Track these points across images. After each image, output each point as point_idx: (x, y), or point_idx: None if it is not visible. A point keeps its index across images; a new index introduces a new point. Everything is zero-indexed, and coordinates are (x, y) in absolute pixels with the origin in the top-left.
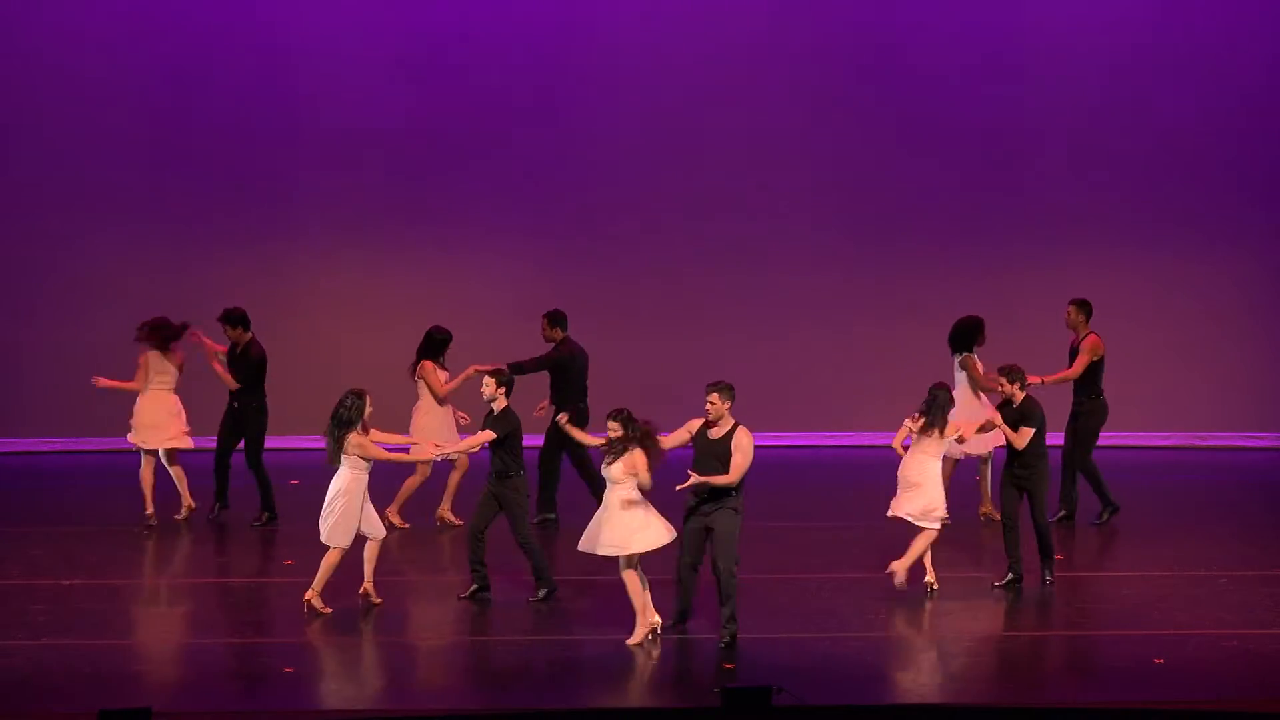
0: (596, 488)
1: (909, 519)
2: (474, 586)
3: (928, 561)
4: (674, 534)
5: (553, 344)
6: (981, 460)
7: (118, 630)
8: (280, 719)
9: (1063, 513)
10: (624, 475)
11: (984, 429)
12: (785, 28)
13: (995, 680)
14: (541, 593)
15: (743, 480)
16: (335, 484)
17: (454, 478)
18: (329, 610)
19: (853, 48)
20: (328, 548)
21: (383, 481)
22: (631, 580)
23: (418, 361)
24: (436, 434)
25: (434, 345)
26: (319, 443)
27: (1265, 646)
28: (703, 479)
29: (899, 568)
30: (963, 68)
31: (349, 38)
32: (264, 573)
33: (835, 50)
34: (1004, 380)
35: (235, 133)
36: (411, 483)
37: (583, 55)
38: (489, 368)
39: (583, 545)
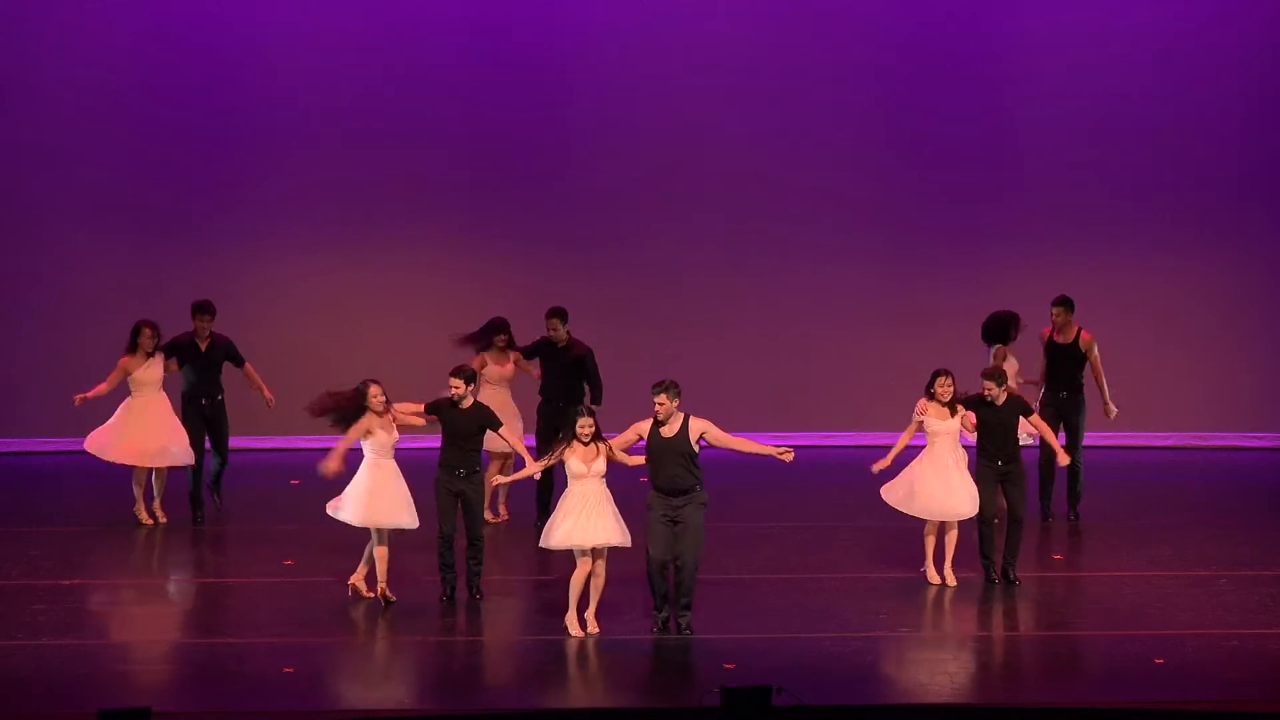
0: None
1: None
2: (448, 591)
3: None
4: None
5: (561, 343)
6: None
7: (118, 630)
8: (280, 719)
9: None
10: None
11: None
12: (785, 30)
13: (995, 680)
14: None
15: (701, 473)
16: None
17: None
18: (394, 598)
19: (852, 50)
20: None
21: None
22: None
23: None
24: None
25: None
26: (318, 443)
27: (1265, 646)
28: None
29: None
30: (963, 68)
31: (339, 35)
32: (264, 573)
33: (835, 52)
34: (989, 384)
35: (229, 133)
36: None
37: (582, 54)
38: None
39: (573, 540)
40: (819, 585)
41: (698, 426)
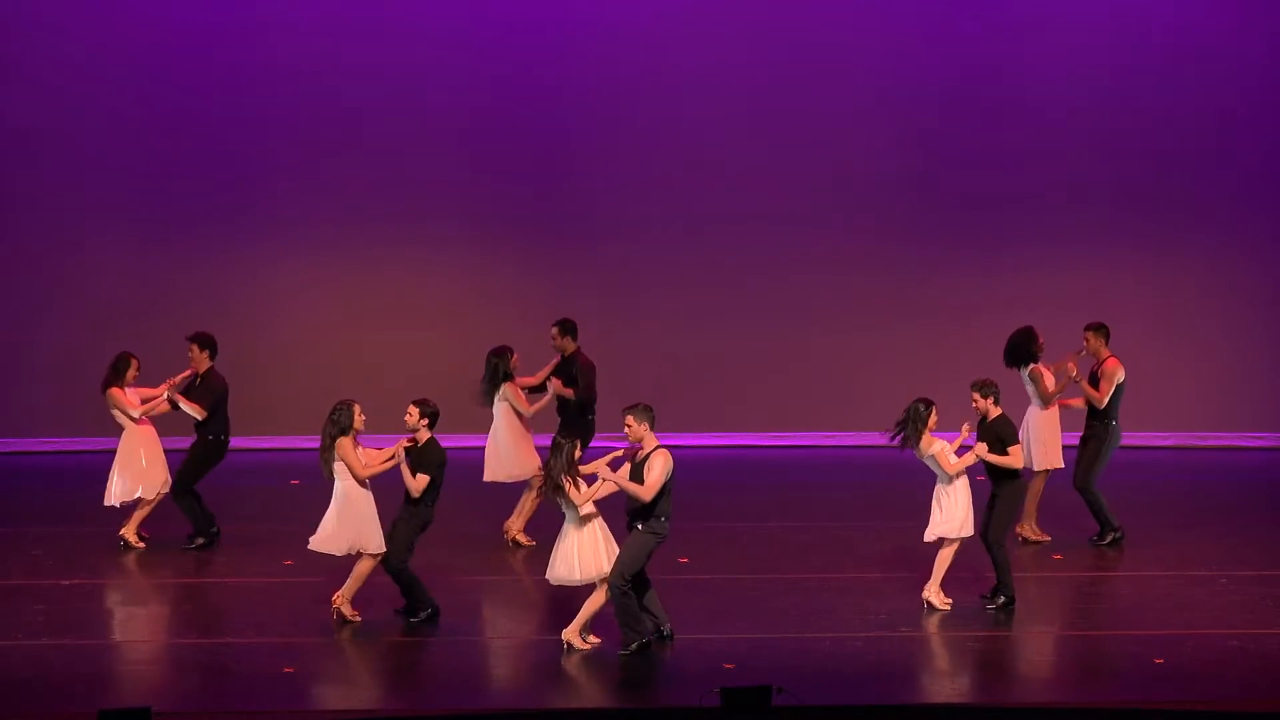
0: None
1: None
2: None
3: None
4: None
5: (562, 354)
6: (1035, 475)
7: (118, 630)
8: (280, 719)
9: (1117, 534)
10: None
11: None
12: (789, 32)
13: (996, 680)
14: (425, 613)
15: (662, 504)
16: (334, 495)
17: (529, 496)
18: (357, 618)
19: (854, 52)
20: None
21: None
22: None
23: (494, 388)
24: (519, 452)
25: (505, 366)
26: (318, 443)
27: (1265, 646)
28: (615, 482)
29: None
30: (964, 70)
31: (339, 37)
32: (264, 573)
33: (837, 54)
34: (976, 395)
35: (230, 135)
36: (529, 498)
37: (584, 55)
38: (566, 391)
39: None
40: (819, 585)
41: (656, 460)
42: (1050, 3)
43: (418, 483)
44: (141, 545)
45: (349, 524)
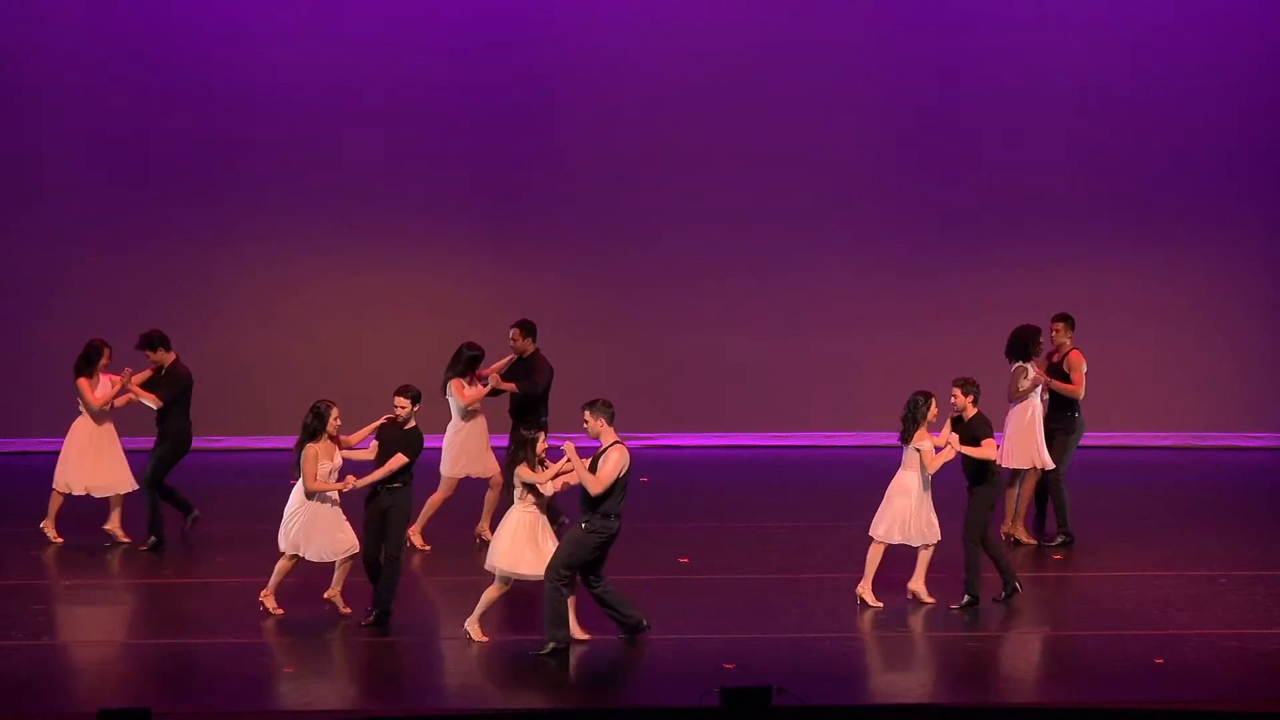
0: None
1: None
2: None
3: (917, 571)
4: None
5: (520, 355)
6: (1021, 476)
7: (118, 630)
8: (280, 719)
9: (1061, 539)
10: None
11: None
12: (788, 32)
13: (995, 680)
14: (374, 614)
15: (608, 501)
16: (292, 497)
17: (491, 495)
18: (280, 611)
19: (855, 52)
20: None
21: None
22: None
23: (448, 379)
24: (468, 452)
25: (465, 362)
26: None
27: (1265, 646)
28: (575, 468)
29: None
30: (966, 70)
31: (335, 35)
32: (264, 573)
33: (837, 53)
34: (957, 391)
35: (227, 135)
36: (435, 500)
37: (583, 54)
38: (507, 385)
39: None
40: (819, 585)
41: (611, 454)
42: (1053, 2)
43: (395, 462)
44: (127, 540)
45: (317, 533)
